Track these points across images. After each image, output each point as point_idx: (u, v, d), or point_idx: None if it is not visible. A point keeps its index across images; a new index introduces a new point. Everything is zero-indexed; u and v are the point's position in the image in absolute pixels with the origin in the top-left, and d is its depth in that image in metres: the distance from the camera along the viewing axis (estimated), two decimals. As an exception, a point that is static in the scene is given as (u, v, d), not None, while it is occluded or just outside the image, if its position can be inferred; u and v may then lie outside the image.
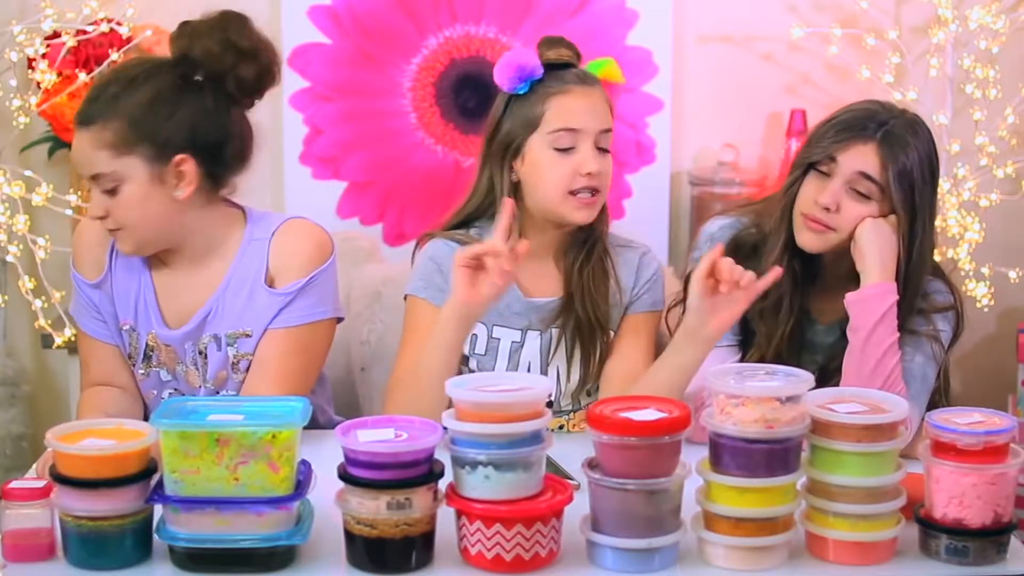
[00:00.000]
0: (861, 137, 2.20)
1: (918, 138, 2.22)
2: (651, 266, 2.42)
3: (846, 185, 2.21)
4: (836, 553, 1.79)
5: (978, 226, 3.19)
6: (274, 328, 2.24)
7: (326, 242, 2.30)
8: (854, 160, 2.20)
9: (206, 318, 2.25)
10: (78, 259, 2.33)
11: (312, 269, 2.25)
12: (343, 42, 3.27)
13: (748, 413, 1.75)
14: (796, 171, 2.27)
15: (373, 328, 2.73)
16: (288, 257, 2.26)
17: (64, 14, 3.07)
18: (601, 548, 1.76)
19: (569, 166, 2.28)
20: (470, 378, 1.85)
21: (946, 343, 2.27)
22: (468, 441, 1.74)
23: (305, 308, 2.25)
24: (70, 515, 1.75)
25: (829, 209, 2.20)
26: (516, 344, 2.37)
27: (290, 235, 2.28)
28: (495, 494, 1.73)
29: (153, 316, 2.27)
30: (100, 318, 2.31)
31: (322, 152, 3.31)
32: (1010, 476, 1.79)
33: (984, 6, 3.19)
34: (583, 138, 2.29)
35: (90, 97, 2.20)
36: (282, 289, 2.24)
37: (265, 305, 2.24)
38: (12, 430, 3.21)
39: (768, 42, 3.36)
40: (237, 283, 2.25)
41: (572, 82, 2.31)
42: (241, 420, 1.75)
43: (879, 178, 2.19)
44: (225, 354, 2.26)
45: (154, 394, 2.33)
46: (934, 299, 2.28)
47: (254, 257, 2.26)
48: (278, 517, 1.74)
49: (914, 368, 2.21)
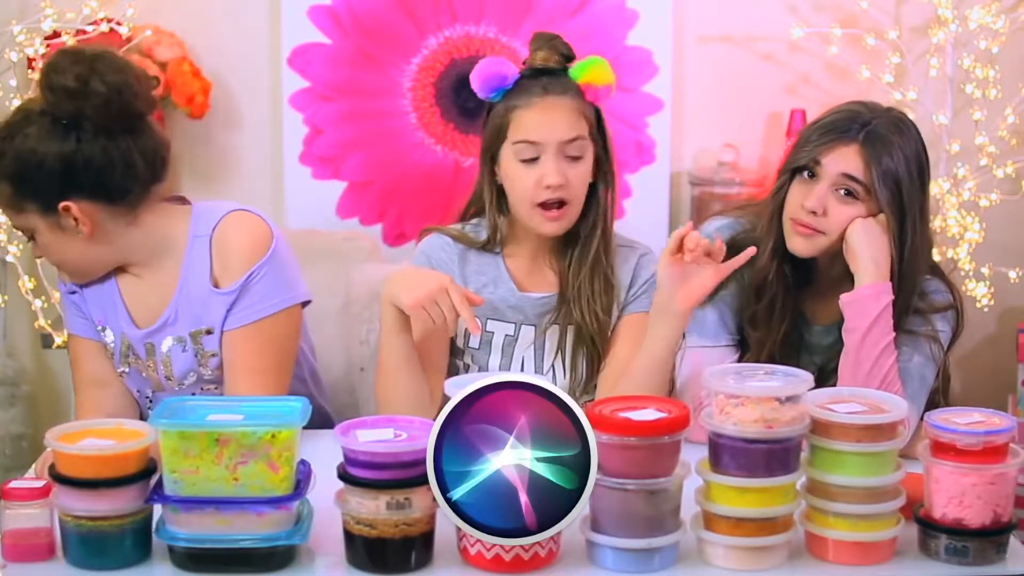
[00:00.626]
0: (844, 139, 2.20)
1: (903, 137, 2.21)
2: (650, 267, 2.41)
3: (832, 188, 2.20)
4: (836, 553, 1.79)
5: (978, 226, 3.19)
6: (229, 329, 2.23)
7: (263, 235, 2.26)
8: (838, 162, 2.20)
9: (168, 319, 2.25)
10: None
11: (250, 265, 2.23)
12: (343, 42, 3.27)
13: (748, 413, 1.75)
14: (783, 176, 2.27)
15: (373, 328, 2.73)
16: (226, 256, 2.24)
17: (64, 14, 3.08)
18: (601, 548, 1.76)
19: (532, 178, 2.27)
20: (470, 378, 1.85)
21: (945, 343, 2.27)
22: (468, 441, 1.74)
23: (255, 304, 2.23)
24: (70, 515, 1.75)
25: (816, 213, 2.20)
26: (510, 338, 2.37)
27: (226, 232, 2.25)
28: (495, 494, 1.73)
29: (122, 318, 2.28)
30: (85, 318, 2.32)
31: (322, 152, 3.31)
32: (1010, 476, 1.79)
33: (984, 6, 3.19)
34: (545, 149, 2.27)
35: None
36: (225, 289, 2.23)
37: (216, 306, 2.24)
38: (12, 430, 3.21)
39: (768, 42, 3.36)
40: (192, 281, 2.24)
41: (537, 94, 2.28)
42: (241, 420, 1.75)
43: (863, 178, 2.19)
44: (192, 354, 2.26)
45: (138, 392, 2.34)
46: (933, 299, 2.27)
47: (200, 255, 2.25)
48: (278, 517, 1.75)
49: (912, 368, 2.21)
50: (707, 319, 2.29)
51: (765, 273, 2.26)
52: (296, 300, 2.29)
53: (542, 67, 2.31)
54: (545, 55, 2.32)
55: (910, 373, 2.21)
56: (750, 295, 2.28)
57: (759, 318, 2.27)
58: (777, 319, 2.26)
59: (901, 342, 2.21)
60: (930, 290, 2.28)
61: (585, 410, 1.74)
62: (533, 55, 2.33)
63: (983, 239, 3.20)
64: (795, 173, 2.24)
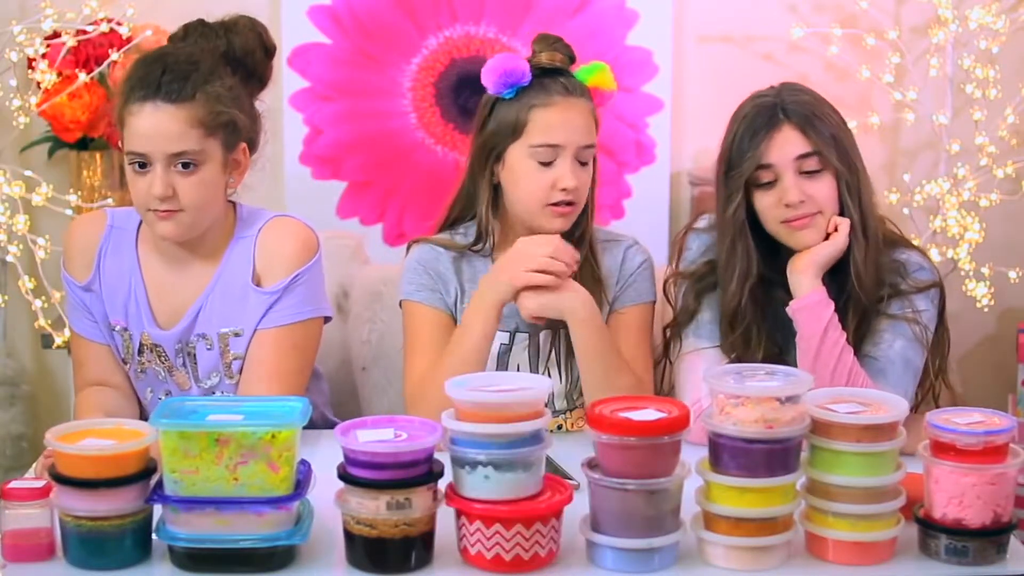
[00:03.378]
0: (773, 128, 2.21)
1: (811, 97, 2.25)
2: (635, 258, 2.40)
3: (795, 174, 2.21)
4: (836, 553, 1.79)
5: (978, 226, 3.19)
6: (264, 328, 2.24)
7: (311, 241, 2.29)
8: (784, 149, 2.20)
9: (196, 317, 2.26)
10: (69, 260, 2.33)
11: (296, 267, 2.25)
12: (343, 42, 3.27)
13: (748, 413, 1.75)
14: (734, 194, 2.23)
15: (374, 328, 2.74)
16: (273, 256, 2.26)
17: (64, 14, 3.08)
18: (601, 548, 1.76)
19: (547, 180, 2.27)
20: (470, 378, 1.85)
21: (930, 322, 2.25)
22: (468, 441, 1.74)
23: (293, 307, 2.25)
24: (70, 515, 1.75)
25: (803, 202, 2.20)
26: (504, 347, 2.37)
27: (275, 233, 2.27)
28: (495, 494, 1.73)
29: (144, 316, 2.27)
30: (92, 319, 2.31)
31: (322, 152, 3.31)
32: (1010, 476, 1.79)
33: (984, 6, 3.19)
34: (563, 153, 2.27)
35: (175, 73, 2.16)
36: (268, 288, 2.24)
37: (253, 304, 2.24)
38: (12, 430, 3.21)
39: (768, 42, 3.36)
40: (226, 281, 2.25)
41: (558, 93, 2.28)
42: (241, 420, 1.75)
43: (812, 148, 2.20)
44: (217, 354, 2.26)
45: (150, 394, 2.33)
46: (917, 278, 2.26)
47: (241, 255, 2.26)
48: (278, 517, 1.74)
49: (893, 355, 2.21)
50: (703, 321, 2.29)
51: (736, 300, 2.24)
52: (324, 313, 2.32)
53: (551, 66, 2.31)
54: (551, 55, 2.31)
55: (891, 360, 2.20)
56: (724, 326, 2.26)
57: (737, 347, 2.25)
58: (755, 345, 2.24)
59: (880, 328, 2.21)
60: (912, 268, 2.27)
61: (584, 408, 1.74)
62: (540, 55, 2.32)
63: (983, 239, 3.20)
64: (748, 188, 2.23)
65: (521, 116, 2.28)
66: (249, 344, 2.25)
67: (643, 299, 2.38)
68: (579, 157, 2.29)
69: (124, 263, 2.29)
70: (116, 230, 2.31)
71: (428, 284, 2.34)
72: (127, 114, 2.16)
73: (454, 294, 2.35)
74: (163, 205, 2.16)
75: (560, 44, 2.34)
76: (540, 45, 2.33)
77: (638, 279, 2.38)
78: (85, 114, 3.07)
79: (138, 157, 2.16)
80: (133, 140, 2.16)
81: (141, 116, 2.15)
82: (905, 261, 2.27)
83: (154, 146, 2.15)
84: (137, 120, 2.15)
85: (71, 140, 3.13)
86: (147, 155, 2.15)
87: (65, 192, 3.07)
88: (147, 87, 2.15)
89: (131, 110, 2.15)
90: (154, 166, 2.15)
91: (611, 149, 3.31)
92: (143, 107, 2.14)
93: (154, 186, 2.15)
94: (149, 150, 2.15)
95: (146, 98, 2.14)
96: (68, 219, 3.08)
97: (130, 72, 2.20)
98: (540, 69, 2.30)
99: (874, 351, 2.22)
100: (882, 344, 2.21)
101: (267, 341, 2.24)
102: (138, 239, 2.30)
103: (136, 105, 2.15)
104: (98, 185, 3.17)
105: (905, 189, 3.26)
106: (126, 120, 2.16)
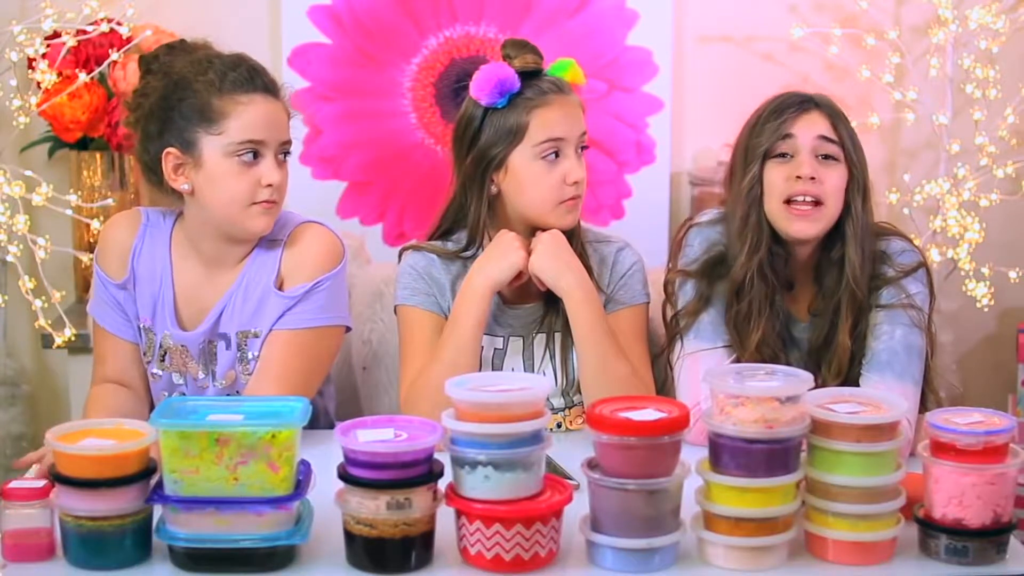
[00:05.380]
0: (804, 109, 2.26)
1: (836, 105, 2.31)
2: (626, 261, 2.40)
3: (812, 154, 2.23)
4: (836, 553, 1.79)
5: (978, 226, 3.19)
6: (278, 329, 2.25)
7: (337, 249, 2.30)
8: (809, 127, 2.24)
9: (219, 317, 2.26)
10: (105, 256, 2.32)
11: (320, 274, 2.26)
12: (343, 42, 3.27)
13: (748, 413, 1.75)
14: (752, 165, 2.26)
15: (374, 327, 2.73)
16: (298, 261, 2.27)
17: (64, 14, 3.08)
18: (601, 548, 1.76)
19: (556, 176, 2.29)
20: (470, 378, 1.85)
21: (924, 304, 2.26)
22: (468, 441, 1.74)
23: (310, 312, 2.25)
24: (70, 515, 1.75)
25: (814, 178, 2.21)
26: (499, 351, 2.37)
27: (303, 239, 2.29)
28: (495, 494, 1.73)
29: (169, 317, 2.28)
30: (124, 316, 2.31)
31: (322, 152, 3.31)
32: (1010, 476, 1.79)
33: (984, 6, 3.19)
34: (567, 146, 2.30)
35: (259, 70, 2.23)
36: (288, 292, 2.25)
37: (272, 306, 2.25)
38: (12, 430, 3.21)
39: (768, 42, 3.36)
40: (250, 283, 2.26)
41: (551, 91, 2.31)
42: (241, 420, 1.75)
43: (836, 137, 2.24)
44: (235, 353, 2.27)
45: (165, 395, 2.33)
46: (901, 261, 2.27)
47: (268, 259, 2.27)
48: (278, 517, 1.75)
49: (895, 344, 2.21)
50: (703, 322, 2.29)
51: (744, 273, 2.25)
52: (343, 322, 2.32)
53: (529, 69, 2.32)
54: (526, 58, 2.33)
55: (894, 350, 2.20)
56: (731, 297, 2.27)
57: (741, 319, 2.26)
58: (758, 318, 2.25)
59: (878, 321, 2.21)
60: (895, 252, 2.28)
61: (582, 407, 1.74)
62: (514, 60, 2.33)
63: (983, 239, 3.20)
64: (764, 160, 2.25)
65: (521, 120, 2.29)
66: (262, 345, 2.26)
67: (636, 301, 2.39)
68: (579, 146, 2.33)
69: (156, 264, 2.30)
70: (151, 228, 2.32)
71: (423, 289, 2.34)
72: (231, 104, 2.17)
73: (448, 298, 2.35)
74: (274, 195, 2.20)
75: (530, 46, 2.36)
76: (513, 50, 2.34)
77: (629, 281, 2.38)
78: (85, 114, 3.07)
79: (255, 145, 2.19)
80: (248, 129, 2.18)
81: (253, 106, 2.18)
82: (887, 247, 2.29)
83: (269, 133, 2.20)
84: (250, 109, 2.18)
85: (71, 140, 3.13)
86: (264, 142, 2.19)
87: (65, 192, 3.07)
88: (247, 81, 2.19)
89: (239, 99, 2.17)
90: (266, 156, 2.19)
91: (611, 149, 3.31)
92: (253, 97, 2.18)
93: (271, 174, 2.19)
94: (266, 137, 2.19)
95: (254, 90, 2.19)
96: (68, 219, 3.09)
97: (211, 66, 2.20)
98: (522, 73, 2.32)
99: (876, 344, 2.22)
100: (883, 336, 2.21)
101: (279, 342, 2.24)
102: (171, 241, 2.31)
103: (244, 96, 2.18)
104: (98, 185, 3.17)
105: (905, 189, 3.26)
106: (229, 111, 2.17)
